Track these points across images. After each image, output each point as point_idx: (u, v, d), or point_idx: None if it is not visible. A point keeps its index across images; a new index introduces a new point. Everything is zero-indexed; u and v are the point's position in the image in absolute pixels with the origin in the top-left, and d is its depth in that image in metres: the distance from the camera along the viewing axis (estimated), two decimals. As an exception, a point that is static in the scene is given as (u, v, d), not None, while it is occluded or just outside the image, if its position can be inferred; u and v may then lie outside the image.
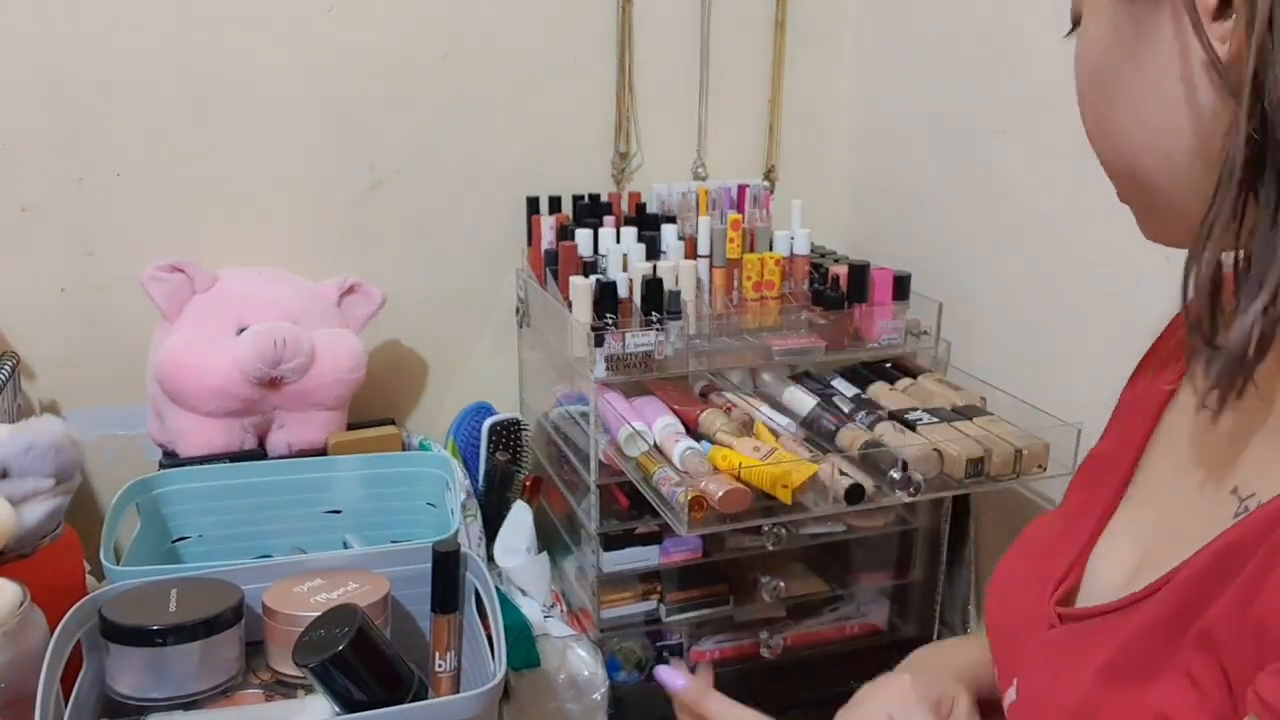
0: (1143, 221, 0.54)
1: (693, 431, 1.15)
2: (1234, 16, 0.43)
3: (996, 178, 1.30)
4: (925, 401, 1.19)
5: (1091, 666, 0.51)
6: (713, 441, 1.12)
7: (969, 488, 1.09)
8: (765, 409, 1.19)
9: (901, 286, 1.26)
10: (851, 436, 1.11)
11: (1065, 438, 1.09)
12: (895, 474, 1.04)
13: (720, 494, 0.98)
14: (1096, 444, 0.68)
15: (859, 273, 1.25)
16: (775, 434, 1.12)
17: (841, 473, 1.03)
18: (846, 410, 1.18)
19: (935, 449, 1.06)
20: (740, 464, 1.03)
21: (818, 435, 1.15)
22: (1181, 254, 0.48)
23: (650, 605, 1.24)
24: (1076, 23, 0.54)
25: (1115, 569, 0.56)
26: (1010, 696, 0.59)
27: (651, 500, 1.06)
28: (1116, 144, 0.51)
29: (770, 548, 1.22)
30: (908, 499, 1.06)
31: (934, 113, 1.41)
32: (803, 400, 1.20)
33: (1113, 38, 0.50)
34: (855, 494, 1.01)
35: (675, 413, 1.17)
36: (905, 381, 1.25)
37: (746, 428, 1.14)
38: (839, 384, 1.26)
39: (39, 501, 0.96)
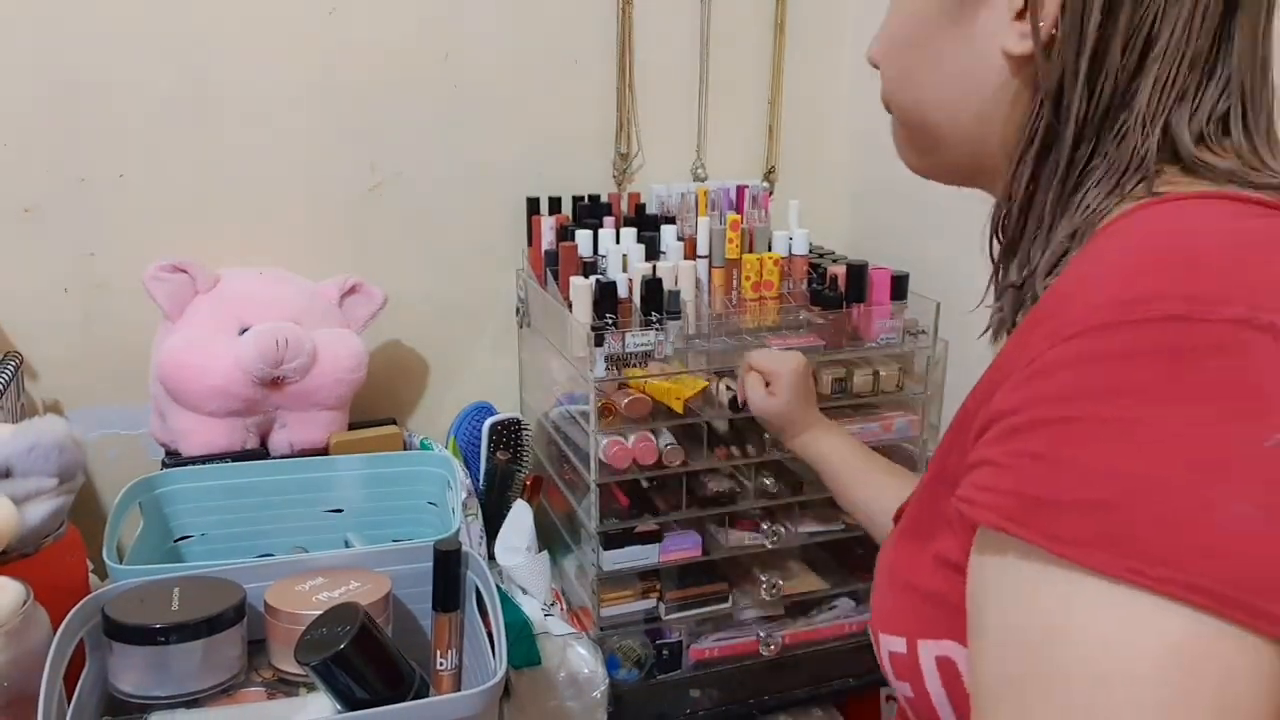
0: (909, 154, 0.66)
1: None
2: (1035, 17, 0.52)
3: (995, 178, 1.30)
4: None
5: (899, 540, 0.60)
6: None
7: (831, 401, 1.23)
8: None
9: (900, 286, 1.27)
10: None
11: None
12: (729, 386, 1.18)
13: (625, 402, 1.15)
14: None
15: (857, 273, 1.25)
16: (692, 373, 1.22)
17: (729, 388, 1.18)
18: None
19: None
20: (644, 377, 1.18)
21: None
22: None
23: (650, 603, 1.24)
24: None
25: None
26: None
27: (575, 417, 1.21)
28: (917, 96, 0.61)
29: (769, 546, 1.23)
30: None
31: (933, 113, 1.42)
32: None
33: (935, 9, 0.58)
34: (736, 405, 1.17)
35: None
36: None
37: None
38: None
39: (42, 501, 0.97)
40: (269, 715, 0.87)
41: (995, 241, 0.61)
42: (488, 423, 1.36)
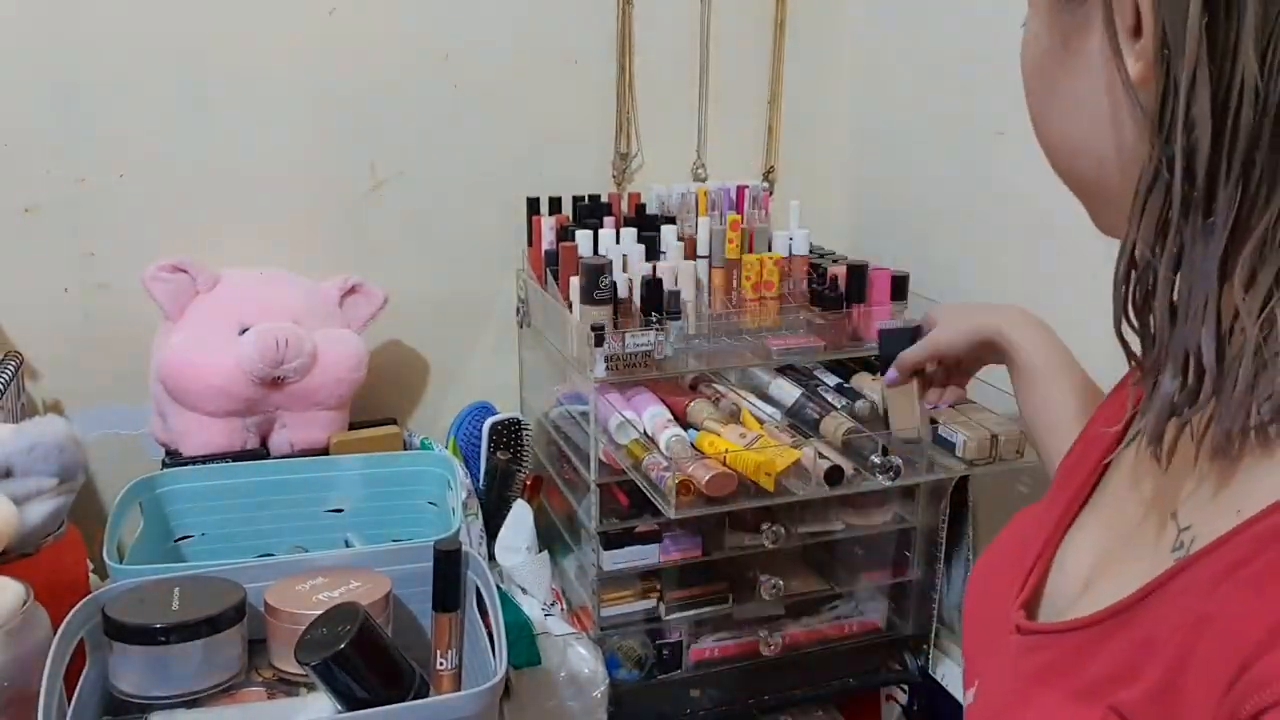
0: (1091, 216, 0.54)
1: (681, 421, 1.17)
2: (1144, 38, 0.42)
3: (995, 178, 1.30)
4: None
5: (1034, 682, 0.51)
6: (699, 429, 1.15)
7: (947, 472, 1.13)
8: (752, 398, 1.22)
9: (900, 286, 1.27)
10: (834, 424, 1.14)
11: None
12: (876, 458, 1.06)
13: (706, 478, 1.02)
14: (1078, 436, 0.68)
15: (857, 273, 1.26)
16: (760, 422, 1.14)
17: (822, 456, 1.06)
18: (830, 399, 1.20)
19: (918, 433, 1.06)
20: (725, 450, 1.05)
21: (802, 423, 1.18)
22: None
23: (650, 604, 1.24)
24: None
25: (1072, 576, 0.55)
26: (969, 698, 0.59)
27: (641, 484, 1.08)
28: (1054, 142, 0.51)
29: (769, 546, 1.23)
30: (888, 483, 1.08)
31: (933, 113, 1.42)
32: (788, 390, 1.23)
33: (1047, 40, 0.49)
34: (835, 476, 1.05)
35: (664, 403, 1.19)
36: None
37: (733, 417, 1.17)
38: (822, 374, 1.28)
39: (42, 501, 0.97)
40: (269, 715, 0.87)
41: (1127, 317, 0.45)
42: (488, 423, 1.36)
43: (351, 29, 1.36)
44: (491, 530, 1.31)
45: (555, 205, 1.45)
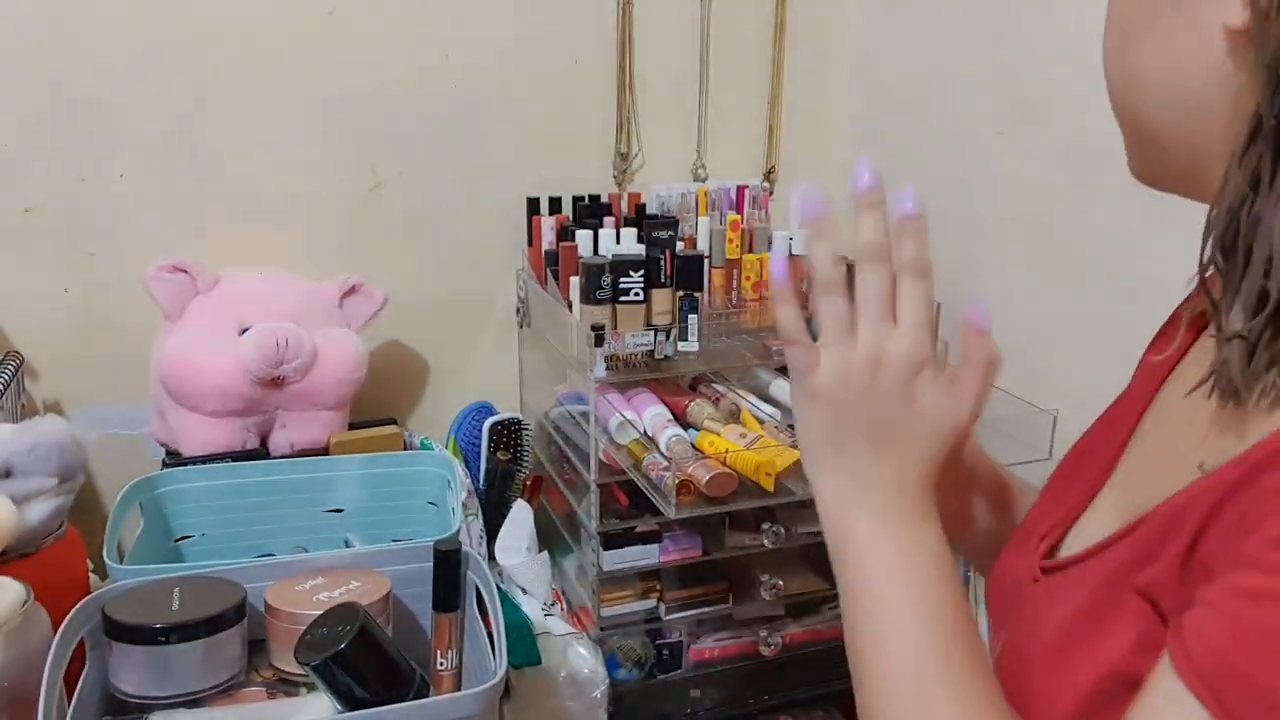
0: (1131, 156, 0.54)
1: (681, 421, 1.17)
2: None
3: (995, 179, 1.30)
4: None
5: (1058, 618, 0.53)
6: (699, 429, 1.15)
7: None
8: (752, 399, 1.21)
9: (900, 286, 1.26)
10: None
11: (1042, 424, 1.10)
12: None
13: (707, 478, 1.02)
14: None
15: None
16: (760, 422, 1.14)
17: None
18: None
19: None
20: (726, 450, 1.06)
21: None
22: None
23: (650, 604, 1.24)
24: None
25: (1096, 528, 0.57)
26: (997, 649, 0.61)
27: (641, 485, 1.08)
28: (1129, 79, 0.51)
29: (769, 546, 1.23)
30: None
31: (932, 114, 1.42)
32: (788, 390, 1.21)
33: None
34: None
35: (665, 403, 1.19)
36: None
37: (733, 417, 1.17)
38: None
39: (42, 501, 0.97)
40: (269, 715, 0.87)
41: (1215, 267, 0.47)
42: (488, 423, 1.36)
43: (352, 29, 1.36)
44: (491, 530, 1.31)
45: (555, 205, 1.45)
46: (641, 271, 1.15)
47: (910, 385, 0.57)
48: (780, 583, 1.26)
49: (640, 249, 1.24)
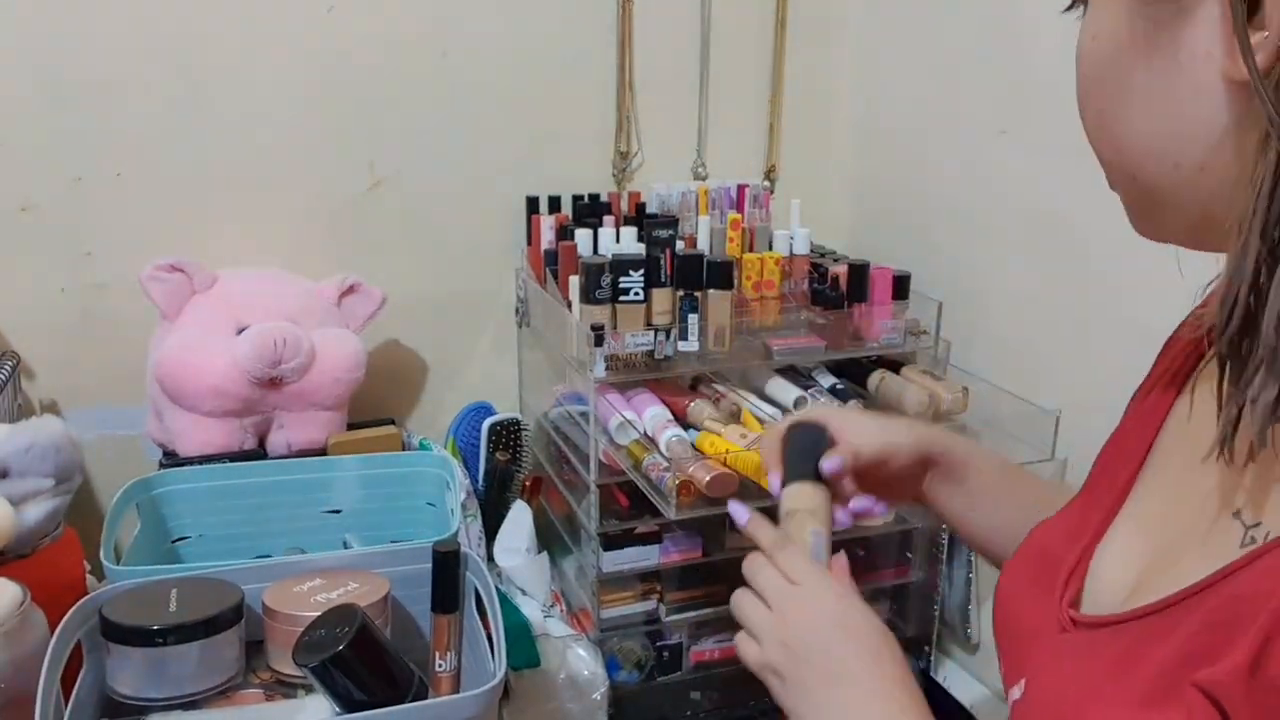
0: (1135, 218, 0.52)
1: (681, 421, 1.17)
2: (1267, 28, 0.40)
3: (996, 178, 1.30)
4: (902, 391, 1.21)
5: (1099, 675, 0.51)
6: (700, 430, 1.15)
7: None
8: (752, 399, 1.21)
9: (901, 286, 1.26)
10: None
11: (1045, 425, 1.09)
12: None
13: (707, 479, 1.02)
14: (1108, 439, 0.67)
15: (859, 272, 1.25)
16: (761, 422, 1.14)
17: None
18: (830, 399, 1.20)
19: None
20: (726, 450, 1.06)
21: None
22: (1194, 264, 0.48)
23: (650, 605, 1.24)
24: (1076, 2, 0.51)
25: (1119, 570, 0.56)
26: (1015, 694, 0.59)
27: (641, 485, 1.08)
28: (1120, 146, 0.49)
29: (770, 547, 1.22)
30: None
31: (934, 113, 1.41)
32: (787, 390, 1.22)
33: (1126, 36, 0.46)
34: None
35: (665, 403, 1.18)
36: (882, 373, 1.28)
37: (734, 417, 1.16)
38: (819, 375, 1.28)
39: (39, 501, 0.96)
40: (267, 717, 0.87)
41: (1225, 331, 0.44)
42: (487, 423, 1.36)
43: (350, 27, 1.35)
44: (490, 531, 1.30)
45: (555, 204, 1.44)
46: (641, 271, 1.14)
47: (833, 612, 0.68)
48: (781, 584, 1.25)
49: (640, 248, 1.23)
